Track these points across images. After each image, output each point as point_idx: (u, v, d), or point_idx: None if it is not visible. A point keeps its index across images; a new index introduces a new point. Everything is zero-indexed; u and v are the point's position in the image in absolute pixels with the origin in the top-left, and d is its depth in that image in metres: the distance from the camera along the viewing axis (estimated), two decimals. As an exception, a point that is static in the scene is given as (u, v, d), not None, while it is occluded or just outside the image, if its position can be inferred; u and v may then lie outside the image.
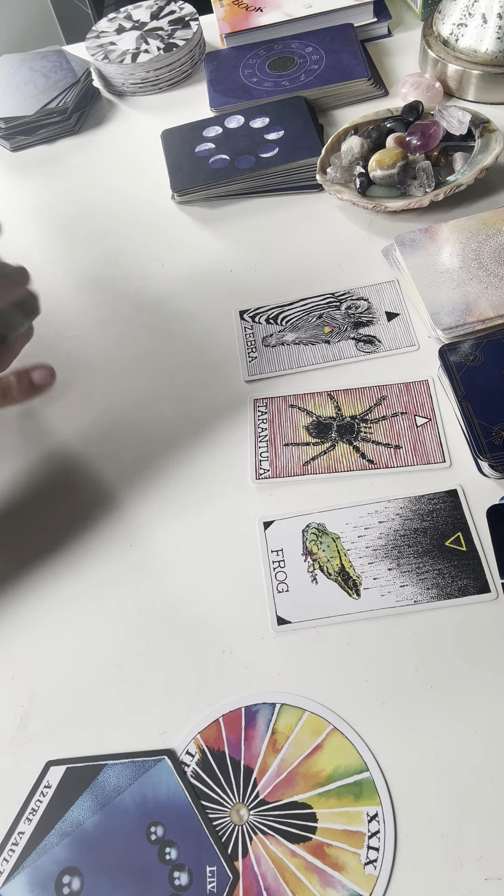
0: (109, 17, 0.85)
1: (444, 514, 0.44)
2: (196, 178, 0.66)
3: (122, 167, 0.73)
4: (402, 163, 0.60)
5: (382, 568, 0.43)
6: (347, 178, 0.63)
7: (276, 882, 0.34)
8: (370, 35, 0.79)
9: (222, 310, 0.58)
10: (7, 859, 0.36)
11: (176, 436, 0.51)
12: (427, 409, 0.49)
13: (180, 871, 0.35)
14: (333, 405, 0.51)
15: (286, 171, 0.65)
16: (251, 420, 0.51)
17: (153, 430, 0.52)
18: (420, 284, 0.53)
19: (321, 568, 0.43)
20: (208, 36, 0.84)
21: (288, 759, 0.37)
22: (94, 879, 0.35)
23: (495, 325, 0.50)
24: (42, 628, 0.44)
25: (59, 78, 0.78)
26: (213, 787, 0.37)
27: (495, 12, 0.65)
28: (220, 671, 0.41)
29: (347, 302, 0.57)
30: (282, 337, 0.55)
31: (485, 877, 0.33)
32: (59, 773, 0.38)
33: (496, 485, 0.45)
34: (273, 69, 0.75)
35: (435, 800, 0.36)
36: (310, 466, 0.48)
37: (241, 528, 0.46)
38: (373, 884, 0.34)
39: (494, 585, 0.41)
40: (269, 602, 0.43)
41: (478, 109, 0.65)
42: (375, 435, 0.49)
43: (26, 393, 0.45)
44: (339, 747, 0.37)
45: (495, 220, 0.56)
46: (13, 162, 0.77)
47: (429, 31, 0.72)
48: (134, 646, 0.42)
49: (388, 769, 0.37)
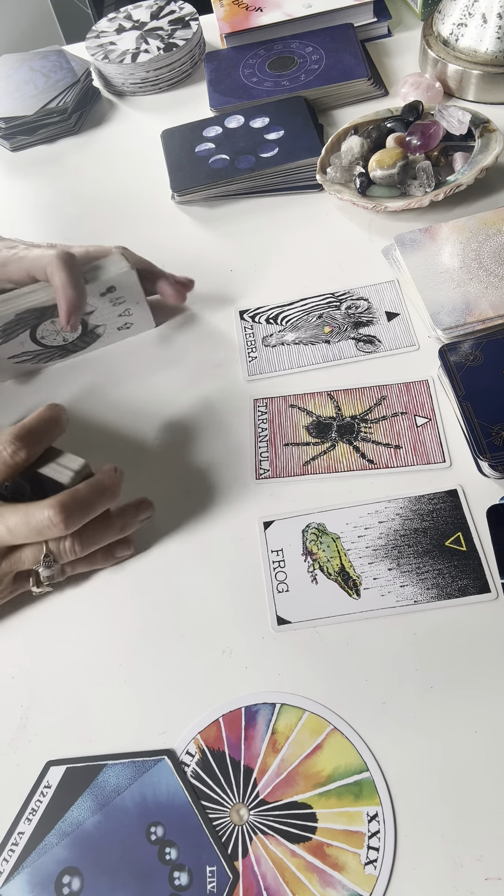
0: (109, 17, 0.85)
1: (444, 514, 0.44)
2: (196, 177, 0.66)
3: (122, 167, 0.73)
4: (402, 163, 0.60)
5: (382, 568, 0.43)
6: (347, 178, 0.63)
7: (276, 882, 0.34)
8: (370, 35, 0.79)
9: (222, 310, 0.58)
10: (7, 859, 0.36)
11: (176, 435, 0.51)
12: (427, 409, 0.49)
13: (180, 871, 0.35)
14: (333, 405, 0.51)
15: (286, 171, 0.65)
16: (251, 420, 0.51)
17: (153, 430, 0.52)
18: (420, 284, 0.53)
19: (321, 568, 0.43)
20: (208, 36, 0.84)
21: (288, 759, 0.37)
22: (94, 879, 0.35)
23: (495, 325, 0.50)
24: (42, 628, 0.44)
25: (59, 78, 0.78)
26: (213, 787, 0.37)
27: (495, 12, 0.65)
28: (220, 671, 0.41)
29: (347, 302, 0.57)
30: (282, 337, 0.55)
31: (485, 877, 0.33)
32: (59, 773, 0.38)
33: (496, 485, 0.45)
34: (273, 69, 0.75)
35: (435, 800, 0.36)
36: (310, 466, 0.48)
37: (241, 528, 0.46)
38: (373, 884, 0.34)
39: (494, 585, 0.41)
40: (269, 602, 0.43)
41: (478, 109, 0.65)
42: (375, 435, 0.49)
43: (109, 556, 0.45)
44: (339, 747, 0.37)
45: (495, 220, 0.56)
46: (13, 162, 0.77)
47: (429, 31, 0.72)
48: (134, 646, 0.42)
49: (388, 769, 0.37)
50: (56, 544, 0.41)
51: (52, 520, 0.39)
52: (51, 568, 0.41)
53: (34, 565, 0.41)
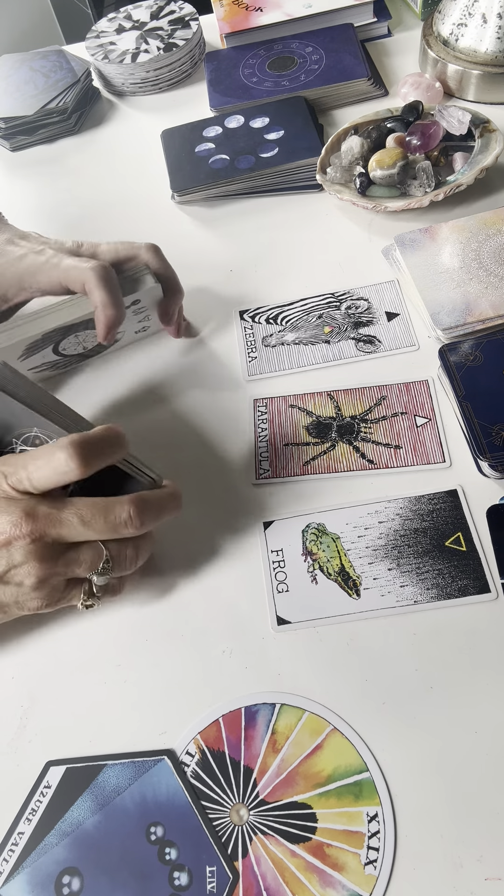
0: (109, 17, 0.85)
1: (444, 514, 0.44)
2: (196, 177, 0.66)
3: (122, 167, 0.73)
4: (402, 163, 0.60)
5: (382, 568, 0.43)
6: (347, 178, 0.63)
7: (275, 882, 0.34)
8: (370, 35, 0.79)
9: (222, 310, 0.58)
10: (7, 859, 0.36)
11: (175, 436, 0.51)
12: (427, 409, 0.49)
13: (180, 872, 0.35)
14: (333, 405, 0.51)
15: (286, 171, 0.65)
16: (251, 420, 0.51)
17: (153, 430, 0.52)
18: (420, 284, 0.53)
19: (321, 568, 0.43)
20: (208, 36, 0.84)
21: (288, 760, 0.37)
22: (93, 879, 0.35)
23: (495, 325, 0.50)
24: (42, 628, 0.44)
25: (59, 78, 0.78)
26: (213, 787, 0.37)
27: (495, 12, 0.65)
28: (220, 671, 0.41)
29: (347, 302, 0.57)
30: (282, 337, 0.55)
31: (485, 877, 0.33)
32: (59, 774, 0.38)
33: (496, 485, 0.45)
34: (273, 69, 0.75)
35: (435, 800, 0.36)
36: (310, 466, 0.48)
37: (241, 528, 0.46)
38: (373, 884, 0.34)
39: (494, 585, 0.41)
40: (269, 602, 0.43)
41: (478, 109, 0.65)
42: (375, 435, 0.49)
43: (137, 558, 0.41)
44: (339, 747, 0.37)
45: (495, 220, 0.56)
46: (13, 162, 0.77)
47: (429, 31, 0.72)
48: (134, 646, 0.42)
49: (388, 769, 0.37)
50: (118, 549, 0.38)
51: (130, 516, 0.36)
52: (106, 575, 0.38)
53: (91, 571, 0.38)
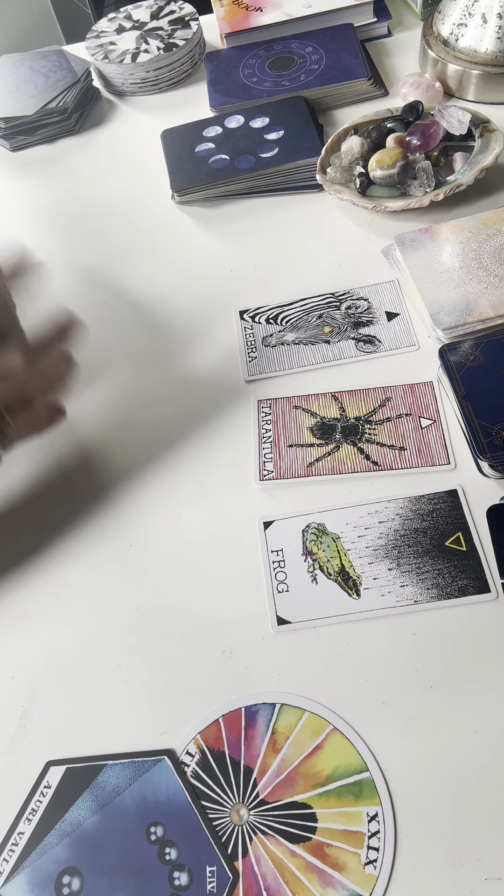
0: (109, 17, 0.85)
1: (444, 514, 0.44)
2: (196, 178, 0.66)
3: (122, 167, 0.73)
4: (402, 163, 0.60)
5: (382, 568, 0.43)
6: (347, 178, 0.63)
7: (275, 882, 0.34)
8: (370, 35, 0.79)
9: (222, 310, 0.58)
10: (7, 859, 0.36)
11: (176, 436, 0.51)
12: (431, 410, 0.49)
13: (180, 871, 0.35)
14: (338, 406, 0.51)
15: (286, 171, 0.65)
16: (255, 421, 0.51)
17: (153, 429, 0.52)
18: (420, 284, 0.53)
19: (321, 568, 0.43)
20: (208, 36, 0.84)
21: (288, 760, 0.37)
22: (93, 879, 0.35)
23: (495, 325, 0.50)
24: (42, 628, 0.44)
25: (59, 78, 0.78)
26: (213, 787, 0.37)
27: (495, 12, 0.65)
28: (220, 671, 0.41)
29: (347, 302, 0.57)
30: (282, 337, 0.55)
31: (485, 877, 0.33)
32: (59, 774, 0.38)
33: (496, 485, 0.45)
34: (273, 69, 0.75)
35: (435, 800, 0.36)
36: (314, 468, 0.48)
37: (241, 528, 0.46)
38: (373, 884, 0.34)
39: (494, 585, 0.41)
40: (269, 602, 0.43)
41: (478, 109, 0.65)
42: (380, 436, 0.49)
43: (53, 415, 0.43)
44: (339, 747, 0.37)
45: (495, 220, 0.56)
46: (13, 162, 0.77)
47: (429, 30, 0.72)
48: (134, 646, 0.42)
49: (388, 769, 0.37)
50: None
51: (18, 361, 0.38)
52: None
53: None
